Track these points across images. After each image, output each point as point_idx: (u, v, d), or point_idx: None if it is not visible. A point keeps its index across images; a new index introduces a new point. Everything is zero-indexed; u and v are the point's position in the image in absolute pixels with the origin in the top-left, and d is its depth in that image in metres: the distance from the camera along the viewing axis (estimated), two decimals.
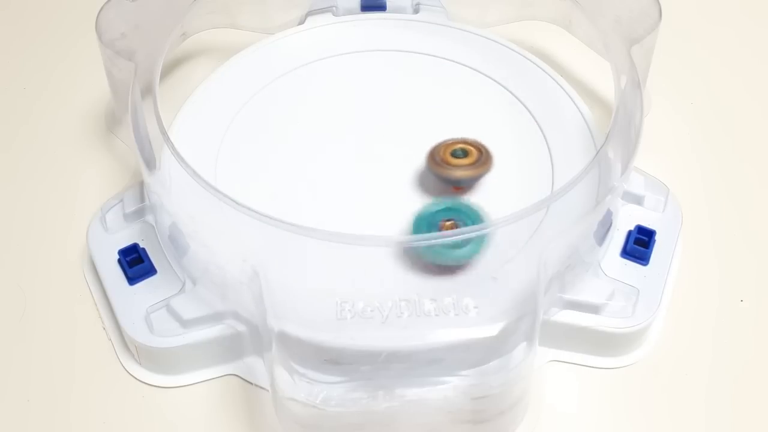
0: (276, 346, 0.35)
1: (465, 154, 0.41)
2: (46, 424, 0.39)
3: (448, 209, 0.39)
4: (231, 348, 0.39)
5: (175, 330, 0.38)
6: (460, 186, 0.41)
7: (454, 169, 0.41)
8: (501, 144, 0.44)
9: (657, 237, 0.41)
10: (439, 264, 0.38)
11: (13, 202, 0.46)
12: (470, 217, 0.39)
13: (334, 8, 0.50)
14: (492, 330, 0.35)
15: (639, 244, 0.41)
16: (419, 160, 0.43)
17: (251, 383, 0.39)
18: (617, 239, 0.41)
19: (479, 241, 0.37)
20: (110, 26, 0.44)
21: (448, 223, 0.38)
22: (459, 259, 0.37)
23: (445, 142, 0.42)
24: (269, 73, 0.47)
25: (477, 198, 0.42)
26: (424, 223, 0.38)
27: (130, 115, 0.40)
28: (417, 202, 0.42)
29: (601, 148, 0.40)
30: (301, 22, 0.50)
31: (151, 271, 0.40)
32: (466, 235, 0.36)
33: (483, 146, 0.42)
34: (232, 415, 0.39)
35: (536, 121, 0.45)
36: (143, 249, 0.40)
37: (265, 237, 0.36)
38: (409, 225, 0.39)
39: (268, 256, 0.36)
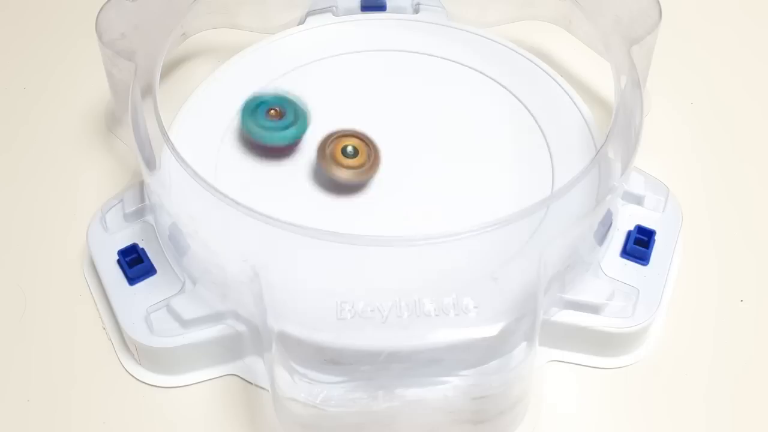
0: (276, 346, 0.35)
1: (356, 153, 0.42)
2: (46, 424, 0.39)
3: (273, 99, 0.42)
4: (231, 348, 0.39)
5: (175, 330, 0.38)
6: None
7: (341, 169, 0.41)
8: (501, 144, 0.44)
9: (657, 237, 0.41)
10: (266, 144, 0.42)
11: (13, 202, 0.46)
12: (291, 105, 0.42)
13: (334, 8, 0.50)
14: (492, 330, 0.35)
15: (639, 244, 0.41)
16: (419, 159, 0.43)
17: (251, 383, 0.39)
18: (617, 239, 0.41)
19: (302, 126, 0.42)
20: (110, 26, 0.44)
21: (272, 111, 0.42)
22: (283, 140, 0.42)
23: (334, 134, 0.42)
24: (269, 73, 0.47)
25: (477, 197, 0.42)
26: (249, 110, 0.42)
27: (130, 115, 0.40)
28: (417, 201, 0.42)
29: (601, 148, 0.40)
30: (301, 22, 0.50)
31: (151, 271, 0.40)
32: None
33: (372, 144, 0.42)
34: (232, 415, 0.39)
35: (536, 121, 0.45)
36: (143, 249, 0.40)
37: (265, 237, 0.36)
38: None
39: (268, 256, 0.36)
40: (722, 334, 0.41)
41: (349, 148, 0.42)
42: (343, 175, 0.41)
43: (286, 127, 0.42)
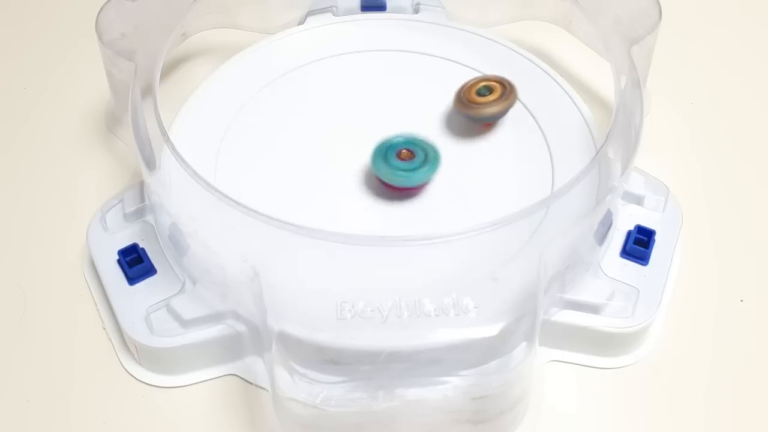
0: (276, 346, 0.35)
1: (489, 91, 0.43)
2: (46, 424, 0.39)
3: (405, 141, 0.42)
4: (231, 348, 0.39)
5: (175, 330, 0.38)
6: (491, 122, 0.44)
7: (483, 107, 0.43)
8: (501, 144, 0.44)
9: (657, 237, 0.41)
10: (393, 185, 0.41)
11: (13, 202, 0.46)
12: (423, 147, 0.41)
13: (334, 8, 0.50)
14: (492, 330, 0.35)
15: (639, 244, 0.41)
16: None
17: (251, 383, 0.39)
18: (617, 239, 0.41)
19: (432, 167, 0.41)
20: (110, 26, 0.44)
21: (404, 151, 0.41)
22: (413, 182, 0.41)
23: (466, 84, 0.44)
24: (269, 73, 0.47)
25: (477, 197, 0.42)
26: (382, 151, 0.41)
27: (130, 115, 0.40)
28: (418, 201, 0.42)
29: (601, 148, 0.40)
30: (301, 22, 0.50)
31: (151, 271, 0.40)
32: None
33: (504, 79, 0.44)
34: (232, 415, 0.39)
35: (536, 121, 0.45)
36: (143, 249, 0.40)
37: (265, 237, 0.36)
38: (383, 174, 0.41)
39: (268, 256, 0.36)
40: (722, 334, 0.41)
41: (482, 90, 0.44)
42: (489, 111, 0.43)
43: (418, 168, 0.41)
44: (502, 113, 0.44)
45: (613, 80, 0.42)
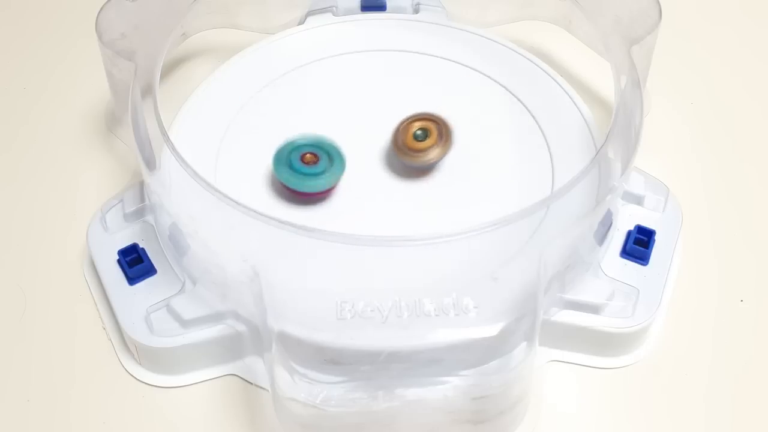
0: (276, 346, 0.35)
1: (426, 134, 0.42)
2: (46, 424, 0.39)
3: (307, 144, 0.41)
4: (231, 348, 0.39)
5: (175, 330, 0.38)
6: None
7: (422, 153, 0.41)
8: (501, 144, 0.44)
9: (657, 237, 0.41)
10: (297, 191, 0.41)
11: (13, 202, 0.46)
12: (328, 150, 0.41)
13: (334, 8, 0.50)
14: (492, 330, 0.35)
15: (639, 244, 0.41)
16: None
17: (251, 383, 0.39)
18: (617, 239, 0.41)
19: (336, 172, 0.41)
20: (110, 26, 0.44)
21: (308, 155, 0.41)
22: (315, 187, 0.41)
23: (401, 125, 0.42)
24: (269, 73, 0.47)
25: (477, 196, 0.42)
26: (284, 156, 0.41)
27: (130, 115, 0.40)
28: (417, 201, 0.42)
29: (601, 148, 0.40)
30: (301, 22, 0.50)
31: (151, 271, 0.40)
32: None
33: (437, 117, 0.42)
34: (232, 415, 0.39)
35: (536, 121, 0.45)
36: (143, 249, 0.40)
37: (265, 237, 0.36)
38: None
39: (268, 256, 0.36)
40: (722, 334, 0.41)
41: (418, 132, 0.42)
42: (429, 157, 0.41)
43: (322, 173, 0.41)
44: (441, 157, 0.42)
45: (613, 80, 0.42)
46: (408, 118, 0.42)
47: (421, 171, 0.43)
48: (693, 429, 0.39)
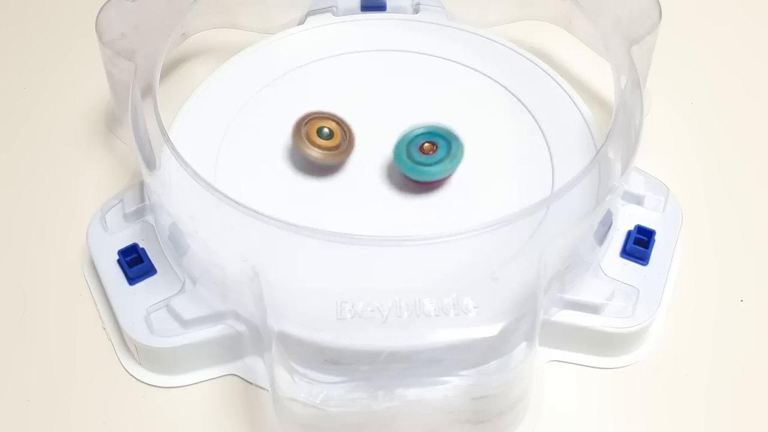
0: (276, 346, 0.35)
1: (331, 134, 0.42)
2: (46, 424, 0.39)
3: (426, 133, 0.42)
4: (231, 348, 0.39)
5: (175, 330, 0.38)
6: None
7: (313, 148, 0.42)
8: (501, 144, 0.44)
9: (657, 237, 0.41)
10: (415, 179, 0.41)
11: (13, 202, 0.46)
12: (446, 138, 0.41)
13: (334, 8, 0.50)
14: (492, 330, 0.35)
15: (639, 244, 0.41)
16: None
17: (251, 383, 0.39)
18: (617, 239, 0.41)
19: (453, 160, 0.41)
20: (110, 26, 0.44)
21: (426, 144, 0.41)
22: (433, 175, 0.41)
23: (307, 116, 0.42)
24: (269, 73, 0.47)
25: (477, 196, 0.42)
26: (404, 145, 0.41)
27: (130, 115, 0.40)
28: (417, 201, 0.42)
29: (601, 148, 0.40)
30: (301, 22, 0.50)
31: (151, 271, 0.40)
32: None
33: (349, 128, 0.42)
34: (232, 415, 0.39)
35: (536, 121, 0.45)
36: (143, 249, 0.40)
37: (265, 237, 0.36)
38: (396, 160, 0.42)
39: (268, 256, 0.36)
40: (722, 334, 0.41)
41: (326, 130, 0.42)
42: (315, 154, 0.42)
43: (440, 162, 0.41)
44: (334, 164, 0.42)
45: (613, 80, 0.42)
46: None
47: None
48: (693, 429, 0.39)
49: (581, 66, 0.50)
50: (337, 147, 0.42)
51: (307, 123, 0.42)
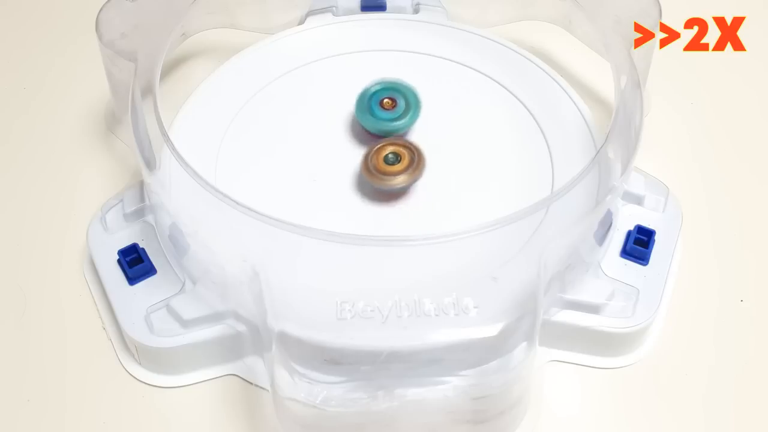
0: (276, 346, 0.35)
1: (398, 158, 0.41)
2: (46, 424, 0.39)
3: (385, 89, 0.44)
4: (231, 348, 0.39)
5: (175, 330, 0.38)
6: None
7: (390, 177, 0.41)
8: (501, 144, 0.44)
9: (657, 237, 0.41)
10: (376, 132, 0.43)
11: (14, 202, 0.46)
12: (405, 93, 0.43)
13: (334, 8, 0.50)
14: (492, 330, 0.35)
15: (639, 244, 0.41)
16: None
17: (251, 383, 0.39)
18: (617, 239, 0.41)
19: (413, 115, 0.43)
20: (110, 26, 0.44)
21: (386, 100, 0.43)
22: (397, 130, 0.43)
23: (372, 148, 0.42)
24: (269, 73, 0.47)
25: (477, 197, 0.42)
26: (365, 101, 0.43)
27: (130, 115, 0.40)
28: (417, 201, 0.42)
29: (601, 148, 0.40)
30: (301, 22, 0.50)
31: (151, 271, 0.40)
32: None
33: (412, 145, 0.42)
34: (232, 415, 0.39)
35: (536, 121, 0.45)
36: (143, 249, 0.40)
37: (265, 237, 0.36)
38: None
39: (268, 256, 0.36)
40: (722, 334, 0.41)
41: (390, 156, 0.42)
42: (396, 182, 0.41)
43: (399, 117, 0.43)
44: (411, 184, 0.41)
45: (613, 80, 0.42)
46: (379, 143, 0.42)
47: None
48: (693, 429, 0.39)
49: (581, 66, 0.50)
50: (408, 167, 0.41)
51: (372, 156, 0.42)
